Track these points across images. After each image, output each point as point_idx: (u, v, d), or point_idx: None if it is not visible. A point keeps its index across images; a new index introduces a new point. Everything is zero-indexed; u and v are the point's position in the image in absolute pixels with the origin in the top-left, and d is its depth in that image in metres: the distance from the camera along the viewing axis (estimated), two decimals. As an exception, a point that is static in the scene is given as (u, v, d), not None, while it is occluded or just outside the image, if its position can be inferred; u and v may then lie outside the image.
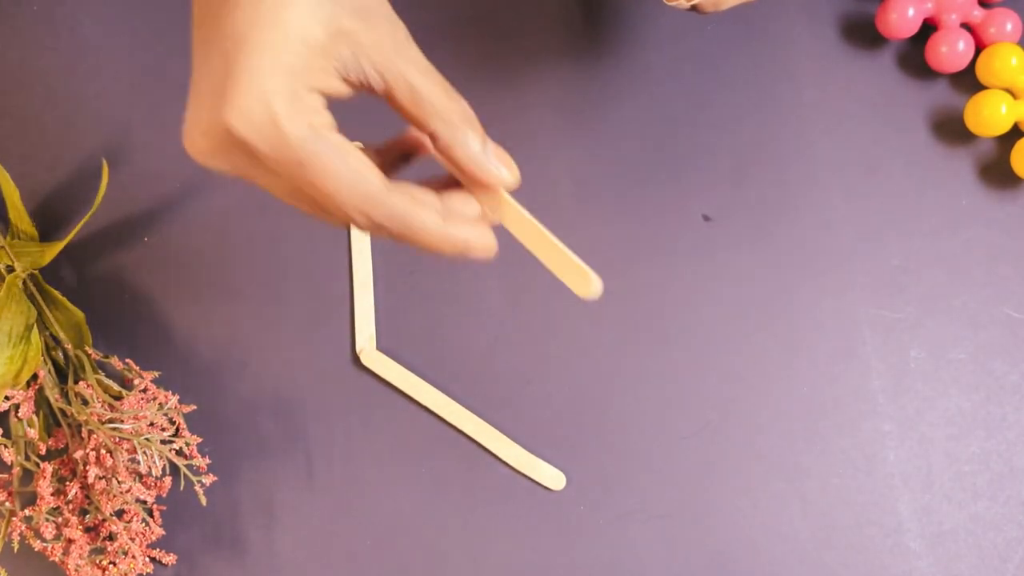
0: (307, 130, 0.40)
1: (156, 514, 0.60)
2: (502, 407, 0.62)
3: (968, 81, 0.65)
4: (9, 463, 0.59)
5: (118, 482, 0.57)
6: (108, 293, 0.64)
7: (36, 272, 0.62)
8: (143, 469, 0.56)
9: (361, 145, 0.43)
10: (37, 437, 0.58)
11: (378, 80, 0.42)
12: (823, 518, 0.60)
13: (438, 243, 0.43)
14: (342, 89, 0.42)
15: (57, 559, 0.57)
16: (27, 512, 0.57)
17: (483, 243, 0.44)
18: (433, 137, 0.43)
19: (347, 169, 0.40)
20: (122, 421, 0.57)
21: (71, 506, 0.58)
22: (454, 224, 0.43)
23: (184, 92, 0.67)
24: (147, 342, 0.63)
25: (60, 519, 0.58)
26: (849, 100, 0.65)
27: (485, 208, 0.45)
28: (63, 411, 0.60)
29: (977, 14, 0.64)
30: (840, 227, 0.64)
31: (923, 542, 0.60)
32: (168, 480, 0.59)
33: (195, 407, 0.61)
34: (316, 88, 0.41)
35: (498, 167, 0.44)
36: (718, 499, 0.61)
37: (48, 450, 0.59)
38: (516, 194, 0.46)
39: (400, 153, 0.47)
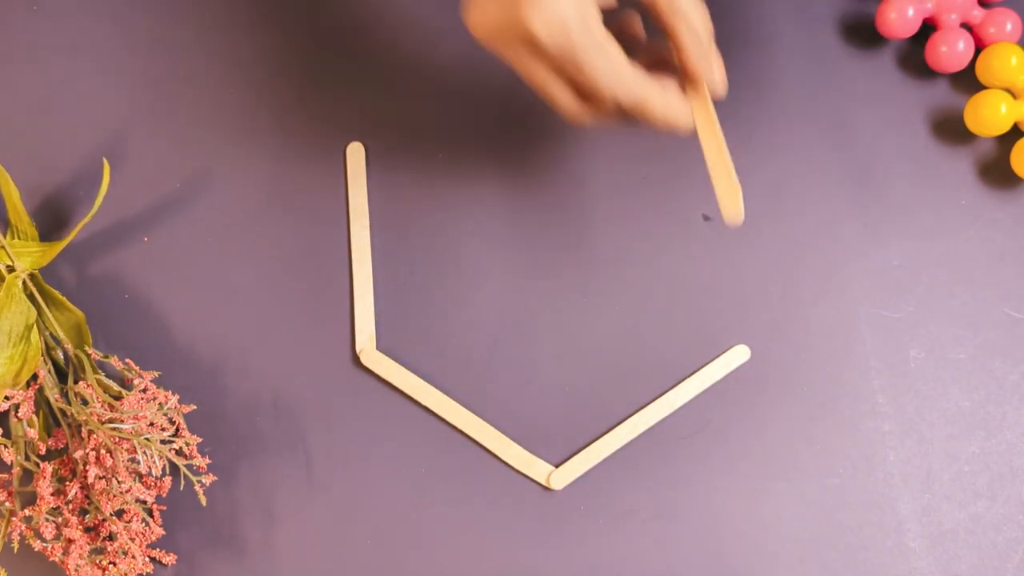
0: (588, 36, 0.50)
1: (156, 514, 0.60)
2: (502, 407, 0.62)
3: (968, 81, 0.65)
4: (9, 463, 0.58)
5: (118, 482, 0.57)
6: (108, 293, 0.64)
7: (36, 272, 0.62)
8: (143, 469, 0.56)
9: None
10: (37, 437, 0.58)
11: None
12: (823, 518, 0.60)
13: (660, 120, 0.54)
14: (612, 2, 0.52)
15: (57, 559, 0.57)
16: (27, 512, 0.57)
17: (688, 122, 0.55)
18: (676, 40, 0.53)
19: (610, 65, 0.51)
20: (122, 421, 0.57)
21: (71, 506, 0.58)
22: (671, 102, 0.54)
23: (183, 92, 0.68)
24: (147, 342, 0.63)
25: (60, 519, 0.58)
26: (849, 100, 0.65)
27: (691, 101, 0.55)
28: (63, 411, 0.60)
29: (977, 14, 0.64)
30: (840, 227, 0.64)
31: (923, 542, 0.60)
32: (168, 480, 0.59)
33: (195, 407, 0.61)
34: (596, 2, 0.50)
35: (716, 78, 0.55)
36: (718, 499, 0.61)
37: (48, 450, 0.59)
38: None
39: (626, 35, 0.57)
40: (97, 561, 0.58)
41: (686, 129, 0.55)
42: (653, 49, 0.56)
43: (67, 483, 0.58)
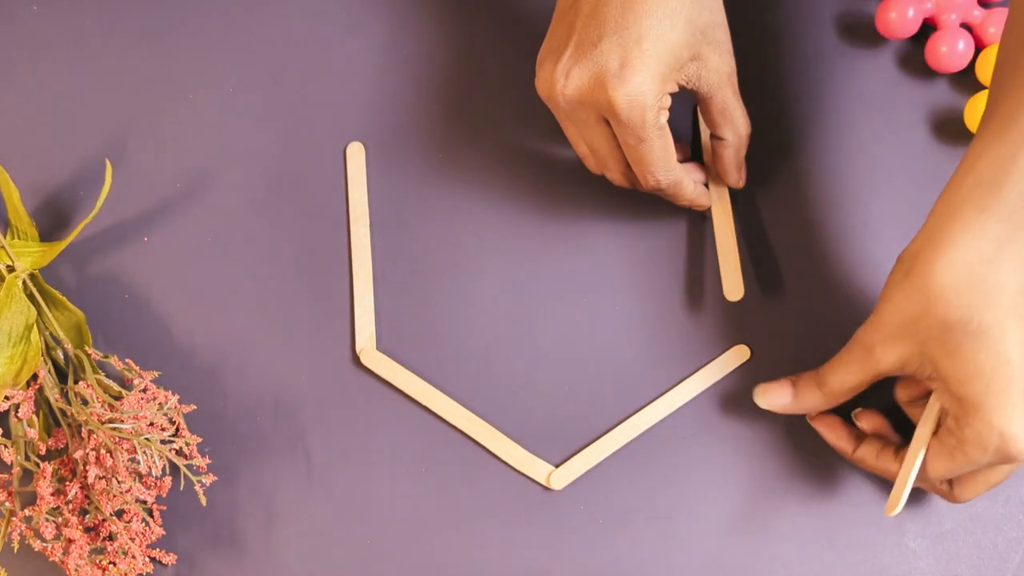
0: (655, 118, 0.56)
1: (156, 514, 0.60)
2: (502, 407, 0.62)
3: (968, 81, 0.65)
4: (9, 463, 0.58)
5: (118, 482, 0.57)
6: (108, 293, 0.64)
7: (36, 272, 0.62)
8: (143, 469, 0.56)
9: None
10: (37, 437, 0.58)
11: (706, 92, 0.59)
12: (823, 518, 0.60)
13: (687, 201, 0.62)
14: (675, 89, 0.57)
15: (57, 559, 0.57)
16: (27, 512, 0.57)
17: (707, 202, 0.63)
18: (720, 138, 0.61)
19: (665, 152, 0.58)
20: (122, 421, 0.57)
21: (71, 506, 0.58)
22: (698, 188, 0.62)
23: (183, 92, 0.67)
24: (147, 342, 0.63)
25: (60, 519, 0.58)
26: (849, 100, 0.65)
27: (711, 189, 0.64)
28: (63, 411, 0.60)
29: (977, 14, 0.64)
30: (839, 227, 0.64)
31: (923, 542, 0.60)
32: (168, 480, 0.59)
33: (195, 407, 0.61)
34: (668, 91, 0.57)
35: (740, 176, 0.63)
36: (718, 499, 0.61)
37: (48, 450, 0.59)
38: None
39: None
40: (97, 561, 0.58)
41: (704, 207, 0.63)
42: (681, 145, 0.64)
43: (67, 483, 0.58)
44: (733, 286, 0.63)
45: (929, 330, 0.52)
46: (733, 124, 0.60)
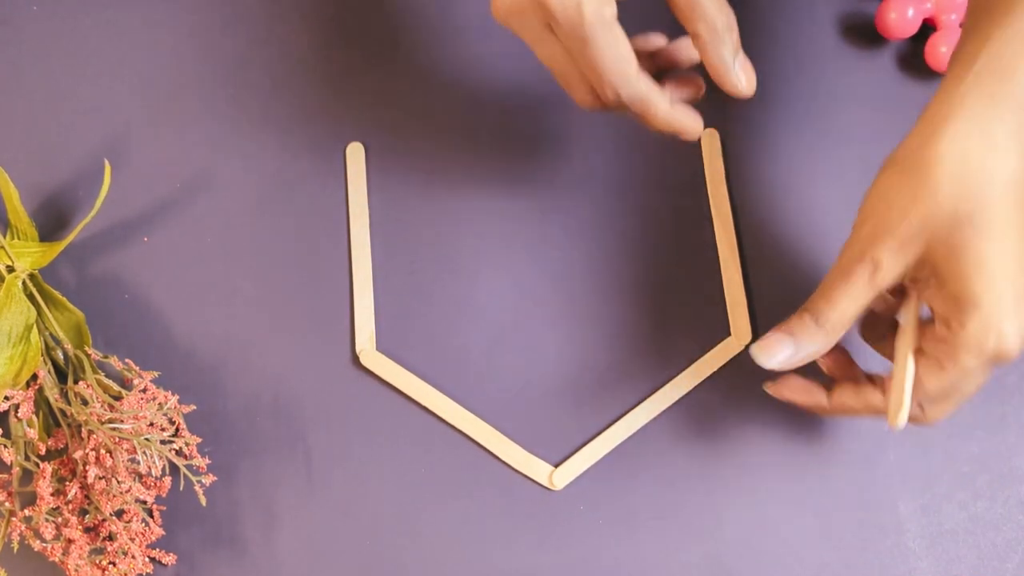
0: (598, 17, 0.51)
1: (156, 514, 0.60)
2: (502, 407, 0.62)
3: (968, 81, 0.65)
4: (9, 463, 0.58)
5: (118, 482, 0.57)
6: (108, 293, 0.64)
7: (36, 272, 0.62)
8: (143, 469, 0.56)
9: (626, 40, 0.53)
10: (37, 437, 0.58)
11: None
12: (823, 518, 0.60)
13: (662, 123, 0.55)
14: None
15: (57, 559, 0.57)
16: (27, 512, 0.57)
17: (694, 127, 0.55)
18: (695, 37, 0.54)
19: (616, 53, 0.52)
20: (122, 421, 0.57)
21: (71, 506, 0.58)
22: (677, 110, 0.55)
23: (183, 92, 0.68)
24: (147, 342, 0.63)
25: (60, 519, 0.58)
26: (849, 100, 0.65)
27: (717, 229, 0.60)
28: (63, 411, 0.60)
29: (977, 14, 0.64)
30: (839, 228, 0.64)
31: (923, 542, 0.60)
32: (168, 480, 0.59)
33: (195, 407, 0.61)
34: None
35: (739, 76, 0.55)
36: (718, 499, 0.61)
37: (48, 450, 0.59)
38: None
39: (652, 64, 0.58)
40: (97, 561, 0.58)
41: (692, 135, 0.56)
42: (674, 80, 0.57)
43: (67, 483, 0.58)
44: (741, 329, 0.62)
45: (938, 229, 0.49)
46: (704, 14, 0.53)
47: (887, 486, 0.61)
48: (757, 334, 0.63)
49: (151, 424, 0.58)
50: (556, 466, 0.61)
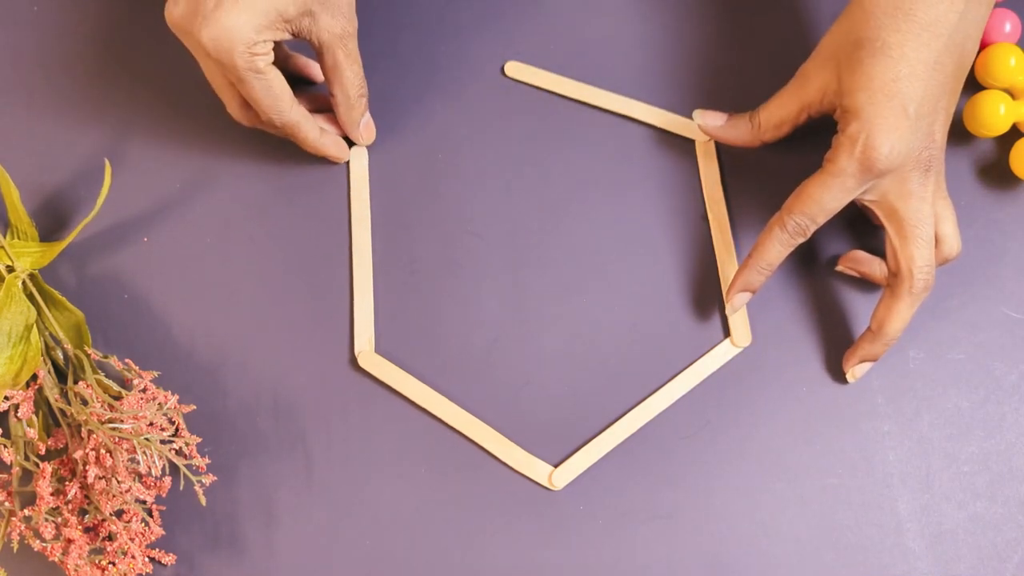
0: (250, 66, 0.58)
1: (156, 514, 0.60)
2: (501, 408, 0.62)
3: (967, 81, 0.65)
4: (9, 463, 0.58)
5: (118, 482, 0.57)
6: (108, 293, 0.64)
7: (36, 272, 0.62)
8: (143, 469, 0.56)
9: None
10: (37, 437, 0.58)
11: (318, 48, 0.61)
12: (823, 518, 0.60)
13: (312, 148, 0.64)
14: (286, 37, 0.59)
15: (57, 559, 0.57)
16: (27, 512, 0.57)
17: (338, 154, 0.65)
18: (332, 97, 0.64)
19: (268, 92, 0.60)
20: (122, 421, 0.57)
21: (71, 506, 0.58)
22: (325, 137, 0.65)
23: (183, 92, 0.68)
24: (147, 342, 0.63)
25: (60, 519, 0.57)
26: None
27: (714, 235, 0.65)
28: (63, 411, 0.60)
29: (976, 15, 0.64)
30: (838, 228, 0.64)
31: (923, 542, 0.60)
32: (168, 480, 0.59)
33: (195, 407, 0.60)
34: (270, 38, 0.58)
35: (360, 134, 0.65)
36: (718, 499, 0.61)
37: (48, 450, 0.59)
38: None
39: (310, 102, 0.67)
40: (97, 561, 0.58)
41: (338, 160, 0.66)
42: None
43: (67, 483, 0.58)
44: (739, 332, 0.63)
45: (846, 48, 0.58)
46: (342, 83, 0.62)
47: (887, 486, 0.61)
48: (755, 335, 0.63)
49: (151, 424, 0.58)
50: (556, 466, 0.61)
